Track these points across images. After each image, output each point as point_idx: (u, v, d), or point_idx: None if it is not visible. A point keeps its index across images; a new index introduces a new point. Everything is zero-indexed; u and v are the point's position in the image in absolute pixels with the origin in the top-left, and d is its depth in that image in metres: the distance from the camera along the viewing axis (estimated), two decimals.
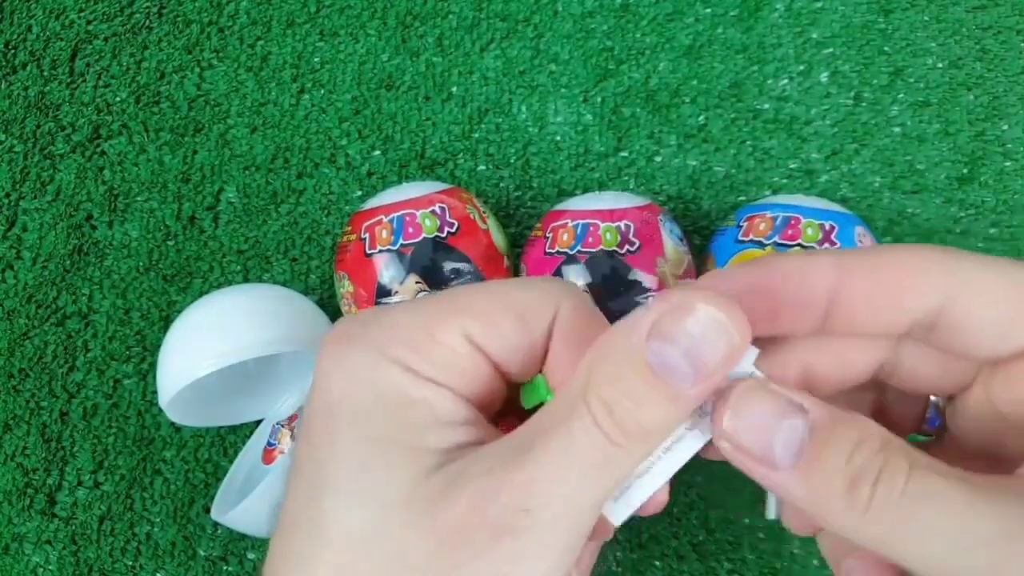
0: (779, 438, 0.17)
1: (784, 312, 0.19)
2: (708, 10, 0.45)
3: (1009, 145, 0.43)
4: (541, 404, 0.21)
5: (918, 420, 0.23)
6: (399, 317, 0.20)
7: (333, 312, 0.40)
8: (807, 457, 0.17)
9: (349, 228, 0.38)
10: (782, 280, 0.19)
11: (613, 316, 0.31)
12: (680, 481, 0.41)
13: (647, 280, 0.35)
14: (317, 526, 0.18)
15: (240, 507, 0.35)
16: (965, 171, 0.43)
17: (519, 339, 0.20)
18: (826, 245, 0.34)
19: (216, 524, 0.40)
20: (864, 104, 0.44)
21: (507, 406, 0.22)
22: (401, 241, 0.35)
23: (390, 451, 0.18)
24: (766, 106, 0.44)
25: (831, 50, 0.44)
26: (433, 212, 0.36)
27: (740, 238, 0.36)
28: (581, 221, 0.36)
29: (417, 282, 0.35)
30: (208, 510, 0.40)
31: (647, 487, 0.20)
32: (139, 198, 0.44)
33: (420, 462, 0.18)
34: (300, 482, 0.19)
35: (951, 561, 0.16)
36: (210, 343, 0.35)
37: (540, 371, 0.22)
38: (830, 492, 0.17)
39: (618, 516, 0.20)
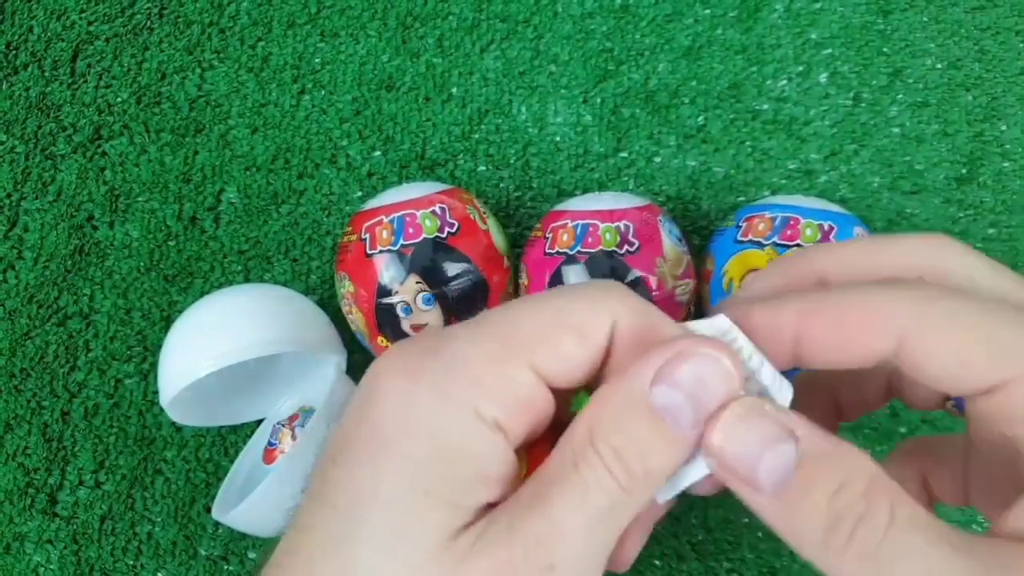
0: (765, 464, 0.18)
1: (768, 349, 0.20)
2: (707, 11, 0.45)
3: (1008, 145, 0.43)
4: None
5: (939, 397, 0.23)
6: (465, 350, 0.19)
7: (333, 312, 0.40)
8: (792, 488, 0.17)
9: (350, 228, 0.38)
10: (756, 322, 0.20)
11: None
12: None
13: (647, 280, 0.35)
14: (346, 571, 0.18)
15: (241, 507, 0.35)
16: (964, 171, 0.43)
17: (580, 358, 0.20)
18: None
19: (217, 524, 0.40)
20: (863, 105, 0.44)
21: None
22: (401, 241, 0.36)
23: (432, 505, 0.18)
24: (765, 107, 0.44)
25: (830, 51, 0.44)
26: (433, 212, 0.36)
27: (739, 238, 0.36)
28: (581, 221, 0.36)
29: (417, 282, 0.35)
30: (209, 510, 0.40)
31: (691, 475, 0.20)
32: (140, 198, 0.44)
33: (457, 519, 0.18)
34: (329, 511, 0.18)
35: None
36: (211, 343, 0.35)
37: (589, 384, 0.21)
38: (809, 527, 0.17)
39: (662, 494, 0.20)
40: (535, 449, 0.21)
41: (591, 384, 0.21)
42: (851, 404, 0.25)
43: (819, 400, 0.25)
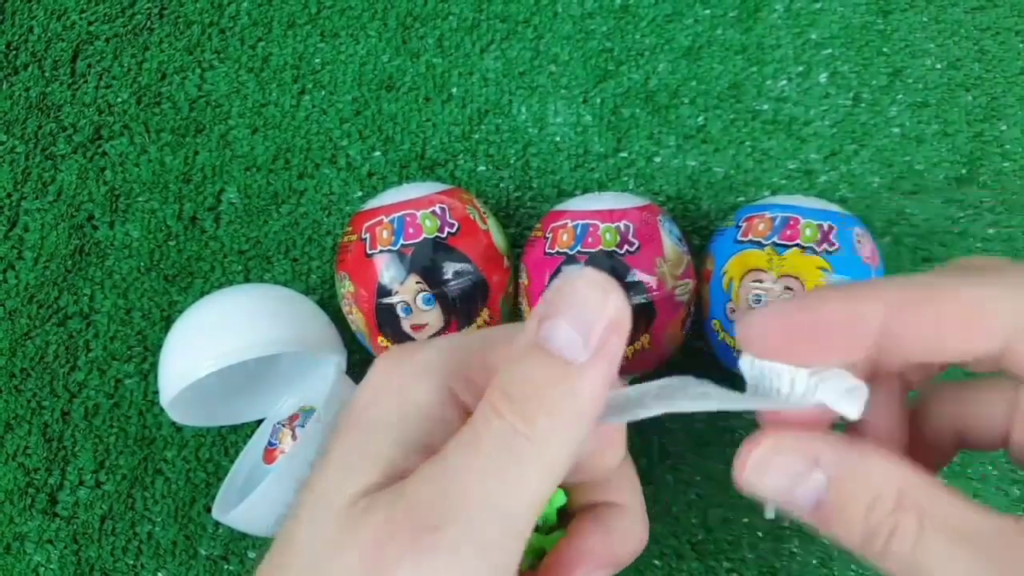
0: (798, 495, 0.19)
1: (833, 344, 0.19)
2: (707, 11, 0.45)
3: (1007, 146, 0.43)
4: None
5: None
6: (458, 341, 0.20)
7: (334, 312, 0.40)
8: (829, 506, 0.19)
9: (350, 228, 0.38)
10: (829, 315, 0.19)
11: None
12: (679, 480, 0.41)
13: (647, 280, 0.35)
14: (289, 542, 0.19)
15: (241, 507, 0.35)
16: (964, 172, 0.43)
17: None
18: (824, 245, 0.34)
19: (217, 523, 0.40)
20: (863, 105, 0.44)
21: None
22: (401, 241, 0.36)
23: (367, 465, 0.19)
24: (765, 107, 0.44)
25: (830, 51, 0.44)
26: (433, 212, 0.36)
27: (739, 238, 0.36)
28: (581, 221, 0.36)
29: (417, 282, 0.35)
30: (209, 509, 0.40)
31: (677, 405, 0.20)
32: (140, 198, 0.44)
33: (384, 479, 0.18)
34: (304, 494, 0.20)
35: None
36: (211, 343, 0.35)
37: None
38: (849, 538, 0.19)
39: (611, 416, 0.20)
40: None
41: None
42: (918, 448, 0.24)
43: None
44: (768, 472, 0.19)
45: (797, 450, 0.19)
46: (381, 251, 0.36)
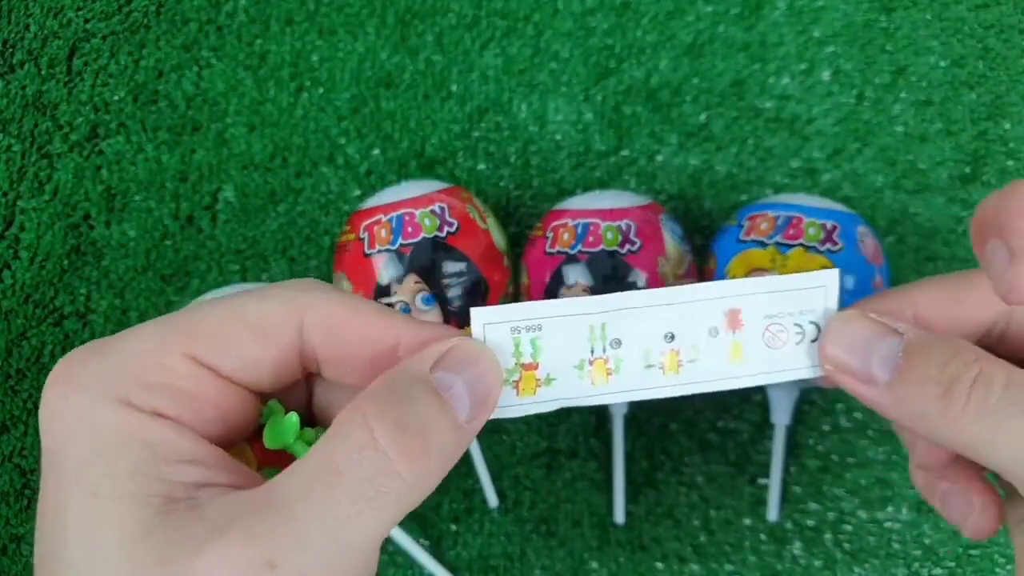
0: (877, 356, 0.19)
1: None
2: (709, 8, 0.44)
3: (1012, 144, 0.43)
4: (286, 444, 0.20)
5: None
6: (122, 345, 0.19)
7: None
8: (905, 367, 0.19)
9: (348, 227, 0.37)
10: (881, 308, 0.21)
11: None
12: (681, 483, 0.40)
13: (648, 280, 0.35)
14: None
15: None
16: (967, 170, 0.43)
17: (260, 354, 0.19)
18: (828, 244, 0.34)
19: None
20: (866, 103, 0.43)
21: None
22: (400, 240, 0.35)
23: (112, 506, 0.17)
24: (768, 105, 0.44)
25: (833, 48, 0.44)
26: (432, 211, 0.36)
27: (742, 237, 0.36)
28: (582, 220, 0.36)
29: (416, 282, 0.35)
30: None
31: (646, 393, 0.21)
32: (137, 197, 0.44)
33: (141, 514, 0.16)
34: (39, 546, 0.18)
35: None
36: None
37: (284, 393, 0.21)
38: (925, 400, 0.18)
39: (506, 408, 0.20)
40: (261, 447, 0.21)
41: (297, 384, 0.21)
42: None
43: None
44: (848, 337, 0.19)
45: (878, 318, 0.19)
46: (379, 250, 0.35)
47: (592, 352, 0.21)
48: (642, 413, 0.41)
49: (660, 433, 0.41)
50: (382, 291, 0.35)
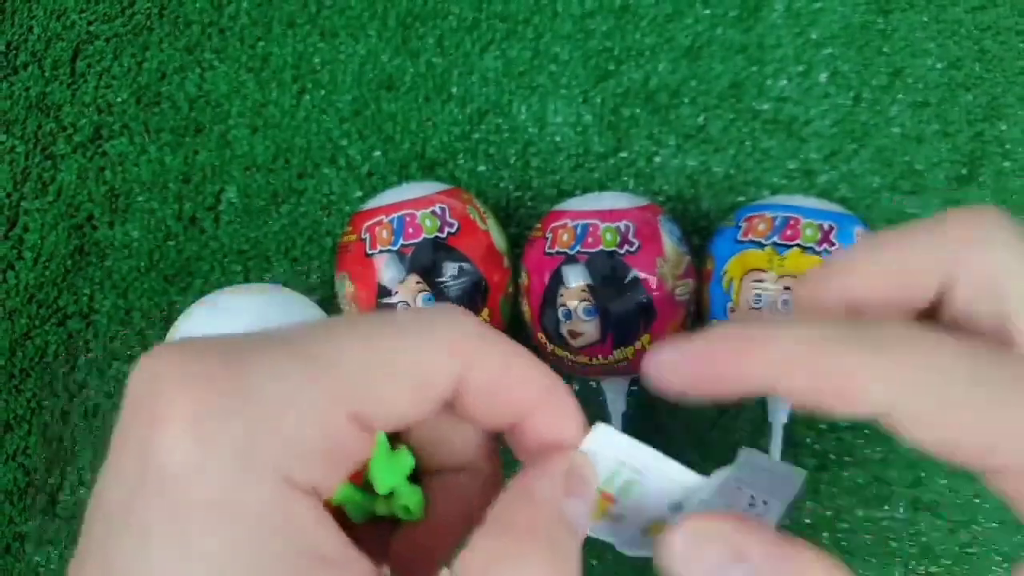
0: None
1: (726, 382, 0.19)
2: (707, 11, 0.45)
3: (1008, 145, 0.43)
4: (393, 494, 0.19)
5: None
6: (272, 393, 0.15)
7: (334, 312, 0.40)
8: None
9: (349, 228, 0.38)
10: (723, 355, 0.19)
11: (613, 316, 0.32)
12: None
13: (647, 280, 0.35)
14: None
15: None
16: (964, 171, 0.43)
17: (416, 411, 0.18)
18: (825, 245, 0.34)
19: None
20: (863, 104, 0.44)
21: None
22: (401, 241, 0.36)
23: None
24: (765, 106, 0.44)
25: (830, 50, 0.44)
26: (433, 212, 0.36)
27: (739, 238, 0.36)
28: (581, 221, 0.36)
29: (417, 282, 0.35)
30: None
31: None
32: (140, 198, 0.44)
33: None
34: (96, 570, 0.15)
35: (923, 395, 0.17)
36: None
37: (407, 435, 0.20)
38: None
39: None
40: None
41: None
42: None
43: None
44: (699, 557, 0.18)
45: (726, 540, 0.17)
46: (381, 251, 0.36)
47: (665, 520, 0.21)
48: (641, 411, 0.41)
49: (659, 431, 0.41)
50: (383, 291, 0.36)
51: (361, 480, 0.19)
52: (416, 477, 0.20)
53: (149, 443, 0.15)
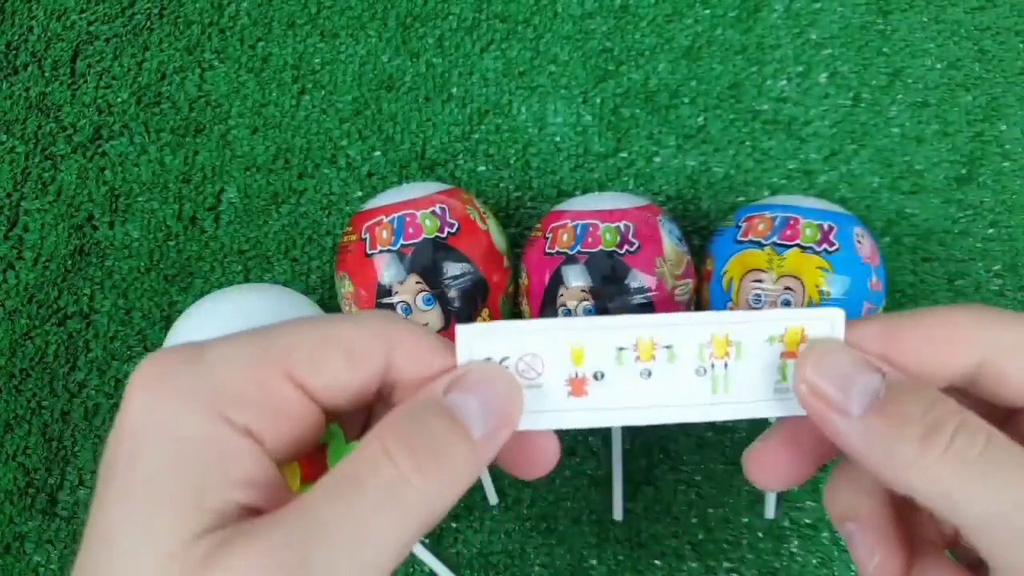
0: (857, 387, 0.19)
1: None
2: (707, 11, 0.45)
3: (1008, 146, 0.43)
4: None
5: None
6: (217, 356, 0.19)
7: (334, 312, 0.40)
8: (884, 404, 0.18)
9: (349, 228, 0.38)
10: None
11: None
12: (679, 480, 0.41)
13: (647, 280, 0.35)
14: None
15: None
16: (963, 171, 0.43)
17: (349, 377, 0.20)
18: (824, 245, 0.34)
19: None
20: (863, 105, 0.44)
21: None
22: (401, 241, 0.36)
23: (169, 516, 0.17)
24: (765, 107, 0.44)
25: (830, 51, 0.44)
26: (433, 212, 0.36)
27: (739, 238, 0.36)
28: (581, 221, 0.36)
29: (417, 282, 0.35)
30: None
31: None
32: (140, 198, 0.44)
33: (201, 523, 0.17)
34: (91, 532, 0.18)
35: (1020, 523, 0.17)
36: None
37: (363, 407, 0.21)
38: (902, 440, 0.18)
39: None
40: (309, 464, 0.22)
41: (366, 407, 0.22)
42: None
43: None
44: (829, 363, 0.19)
45: (860, 354, 0.19)
46: (381, 251, 0.36)
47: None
48: None
49: (658, 431, 0.41)
50: (383, 291, 0.36)
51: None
52: None
53: (120, 412, 0.18)
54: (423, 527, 0.18)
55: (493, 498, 0.40)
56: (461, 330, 0.21)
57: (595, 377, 0.21)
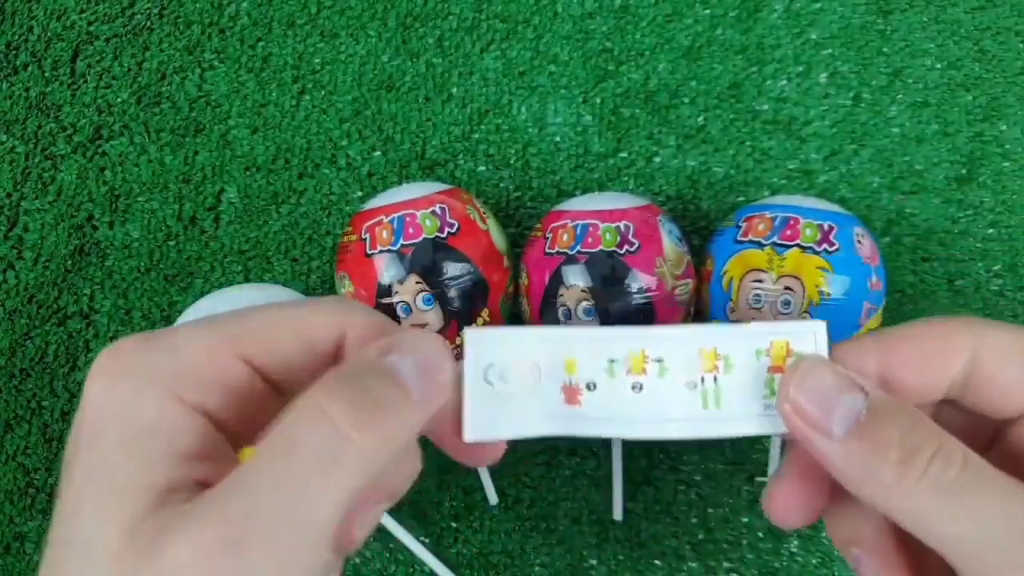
0: (838, 409, 0.19)
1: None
2: (707, 11, 0.45)
3: (1007, 145, 0.43)
4: None
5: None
6: (174, 340, 0.19)
7: None
8: (864, 426, 0.19)
9: (350, 228, 0.38)
10: (843, 364, 0.21)
11: (613, 316, 0.32)
12: (679, 480, 0.41)
13: (646, 280, 0.35)
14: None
15: None
16: (963, 171, 0.43)
17: (301, 360, 0.20)
18: (824, 245, 0.34)
19: None
20: (863, 105, 0.44)
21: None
22: (401, 241, 0.36)
23: (121, 494, 0.17)
24: (765, 107, 0.44)
25: (830, 51, 0.44)
26: (433, 212, 0.36)
27: (739, 238, 0.36)
28: (580, 221, 0.36)
29: (417, 282, 0.35)
30: None
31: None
32: (140, 198, 0.44)
33: (142, 503, 0.17)
34: (55, 519, 0.18)
35: (994, 546, 0.17)
36: None
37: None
38: (881, 463, 0.18)
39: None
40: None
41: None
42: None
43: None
44: (812, 384, 0.19)
45: (845, 371, 0.19)
46: (381, 251, 0.36)
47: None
48: None
49: None
50: (383, 291, 0.36)
51: None
52: None
53: (81, 401, 0.19)
54: (361, 486, 0.18)
55: (493, 498, 0.40)
56: (469, 334, 0.21)
57: (588, 387, 0.21)
